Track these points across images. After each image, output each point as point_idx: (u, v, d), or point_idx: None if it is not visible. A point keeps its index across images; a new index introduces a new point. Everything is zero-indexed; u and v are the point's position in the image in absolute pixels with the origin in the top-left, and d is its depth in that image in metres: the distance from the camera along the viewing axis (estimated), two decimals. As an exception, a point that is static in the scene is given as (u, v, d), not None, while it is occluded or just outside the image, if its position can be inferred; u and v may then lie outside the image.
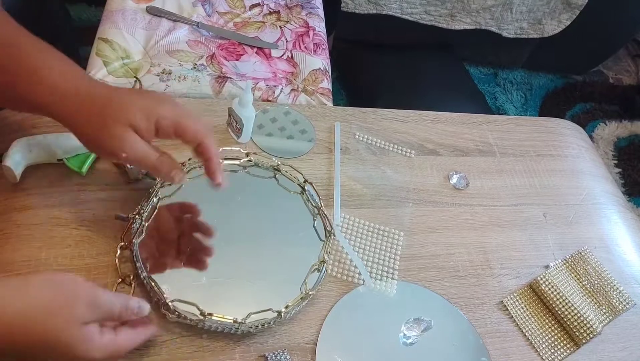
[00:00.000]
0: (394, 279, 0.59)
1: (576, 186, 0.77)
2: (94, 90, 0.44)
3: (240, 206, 0.59)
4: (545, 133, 0.83)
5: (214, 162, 0.48)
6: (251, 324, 0.49)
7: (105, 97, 0.44)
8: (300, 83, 0.92)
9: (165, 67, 0.86)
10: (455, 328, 0.57)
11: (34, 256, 0.50)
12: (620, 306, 0.64)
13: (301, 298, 0.53)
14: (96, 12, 1.55)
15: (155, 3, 0.95)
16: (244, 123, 0.62)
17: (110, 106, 0.43)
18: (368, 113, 0.75)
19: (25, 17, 0.49)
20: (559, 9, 1.60)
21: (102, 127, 0.43)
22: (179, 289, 0.50)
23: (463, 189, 0.71)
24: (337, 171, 0.66)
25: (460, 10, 1.55)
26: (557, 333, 0.60)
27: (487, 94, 1.79)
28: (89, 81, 0.45)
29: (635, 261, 0.70)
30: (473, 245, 0.65)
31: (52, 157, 0.54)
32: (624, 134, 1.85)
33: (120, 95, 0.44)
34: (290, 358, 0.50)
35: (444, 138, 0.76)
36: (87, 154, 0.55)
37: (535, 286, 0.63)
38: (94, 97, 0.44)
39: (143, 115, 0.44)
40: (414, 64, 1.56)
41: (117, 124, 0.43)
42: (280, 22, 1.02)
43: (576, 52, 1.86)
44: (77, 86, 0.43)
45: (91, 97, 0.43)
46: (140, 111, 0.44)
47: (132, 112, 0.43)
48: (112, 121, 0.43)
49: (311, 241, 0.58)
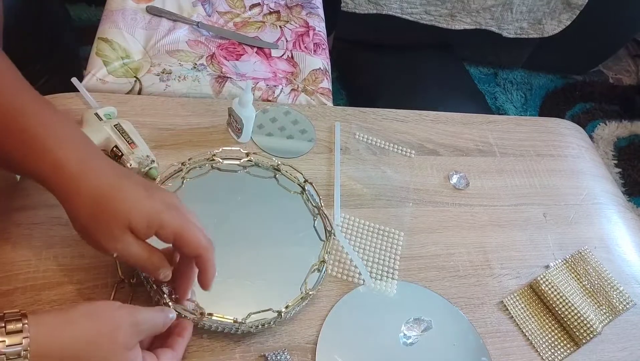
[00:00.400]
0: (394, 279, 0.59)
1: (576, 186, 0.77)
2: (101, 178, 0.41)
3: (240, 206, 0.59)
4: (545, 133, 0.83)
5: (208, 276, 0.46)
6: (251, 324, 0.49)
7: (111, 192, 0.41)
8: (300, 83, 0.92)
9: (165, 67, 0.86)
10: (455, 328, 0.57)
11: (34, 256, 0.50)
12: (620, 306, 0.64)
13: (301, 298, 0.53)
14: (96, 12, 1.55)
15: (155, 3, 0.95)
16: (244, 123, 0.62)
17: (114, 203, 0.40)
18: (368, 113, 0.75)
19: (25, 17, 0.48)
20: (559, 9, 1.60)
21: (100, 223, 0.41)
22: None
23: (463, 189, 0.71)
24: (337, 171, 0.66)
25: (460, 10, 1.55)
26: (557, 333, 0.60)
27: (487, 94, 1.79)
28: (96, 159, 0.42)
29: (635, 261, 0.70)
30: (473, 245, 0.65)
31: None
32: (624, 134, 1.85)
33: (126, 192, 0.41)
34: (291, 358, 0.50)
35: (444, 138, 0.76)
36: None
37: (535, 286, 0.63)
38: (99, 189, 0.40)
39: (144, 220, 0.41)
40: (414, 64, 1.56)
41: (117, 226, 0.40)
42: (280, 22, 1.02)
43: (576, 52, 1.86)
44: (83, 170, 0.40)
45: (96, 188, 0.40)
46: (143, 216, 0.41)
47: (134, 215, 0.41)
48: (113, 220, 0.40)
49: (311, 241, 0.58)
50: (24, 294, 0.47)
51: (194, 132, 0.65)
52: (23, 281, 0.48)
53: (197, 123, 0.66)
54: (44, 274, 0.49)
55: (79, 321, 0.37)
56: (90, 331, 0.37)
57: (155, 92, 0.82)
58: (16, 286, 0.48)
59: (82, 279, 0.50)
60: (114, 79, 0.82)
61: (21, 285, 0.48)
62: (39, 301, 0.47)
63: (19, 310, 0.36)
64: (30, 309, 0.45)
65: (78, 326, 0.37)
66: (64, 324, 0.37)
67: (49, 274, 0.49)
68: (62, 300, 0.48)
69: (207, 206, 0.57)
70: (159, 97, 0.67)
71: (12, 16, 0.64)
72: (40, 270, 0.49)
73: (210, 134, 0.65)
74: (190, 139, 0.64)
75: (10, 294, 0.47)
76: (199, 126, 0.65)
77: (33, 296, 0.47)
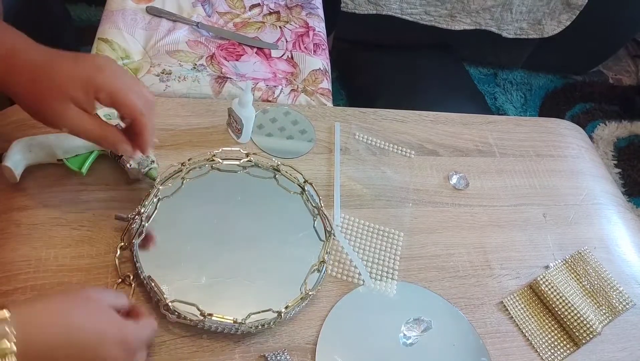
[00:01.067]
0: (394, 279, 0.59)
1: (576, 186, 0.77)
2: (33, 57, 0.42)
3: (240, 207, 0.59)
4: (545, 133, 0.83)
5: (143, 139, 0.46)
6: (251, 324, 0.49)
7: (44, 68, 0.41)
8: (300, 83, 0.92)
9: (165, 67, 0.86)
10: (455, 329, 0.57)
11: (34, 256, 0.50)
12: (620, 306, 0.64)
13: (301, 298, 0.53)
14: (96, 12, 1.55)
15: (155, 3, 0.95)
16: (244, 123, 0.62)
17: (48, 78, 0.41)
18: (368, 113, 0.75)
19: (25, 17, 0.48)
20: (558, 9, 1.60)
21: (41, 101, 0.42)
22: (178, 289, 0.50)
23: (463, 190, 0.71)
24: (337, 171, 0.66)
25: (460, 11, 1.56)
26: (557, 334, 0.60)
27: (487, 94, 1.79)
28: (26, 43, 0.43)
29: (635, 261, 0.70)
30: (473, 245, 0.65)
31: (52, 158, 0.54)
32: (623, 135, 1.85)
33: (58, 65, 0.42)
34: (290, 358, 0.50)
35: (444, 138, 0.76)
36: (87, 154, 0.55)
37: (535, 287, 0.63)
38: (33, 66, 0.41)
39: (81, 88, 0.42)
40: (414, 64, 1.56)
41: (56, 100, 0.41)
42: (280, 22, 1.02)
43: (576, 53, 1.86)
44: (14, 50, 0.41)
45: (30, 65, 0.41)
46: (78, 83, 0.42)
47: (70, 85, 0.41)
48: (51, 96, 0.41)
49: (311, 242, 0.58)
50: (24, 294, 0.47)
51: (193, 132, 0.65)
52: (23, 281, 0.48)
53: (196, 123, 0.66)
54: (44, 275, 0.49)
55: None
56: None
57: (155, 93, 0.82)
58: (16, 286, 0.48)
59: (82, 280, 0.50)
60: (114, 80, 0.82)
61: (21, 285, 0.48)
62: (39, 301, 0.47)
63: None
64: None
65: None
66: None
67: (49, 275, 0.49)
68: (62, 300, 0.48)
69: (207, 206, 0.57)
70: (159, 98, 0.67)
71: (12, 16, 0.64)
72: (40, 270, 0.49)
73: (210, 135, 0.65)
74: (190, 139, 0.64)
75: (10, 295, 0.47)
76: (198, 126, 0.65)
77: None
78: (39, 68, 0.42)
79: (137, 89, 0.45)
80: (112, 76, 0.43)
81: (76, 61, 0.43)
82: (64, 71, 0.42)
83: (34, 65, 0.42)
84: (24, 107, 0.43)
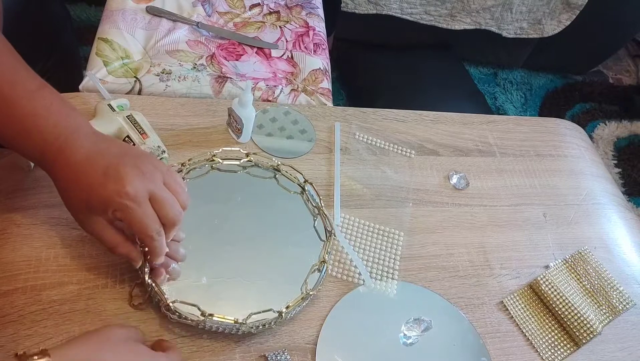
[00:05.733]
0: (394, 279, 0.59)
1: (576, 186, 0.77)
2: (74, 159, 0.43)
3: (240, 206, 0.59)
4: (545, 133, 0.83)
5: (152, 259, 0.47)
6: (252, 324, 0.49)
7: (77, 174, 0.43)
8: (300, 83, 0.92)
9: (165, 67, 0.86)
10: (455, 328, 0.57)
11: (34, 256, 0.50)
12: (620, 306, 0.64)
13: (302, 298, 0.53)
14: (96, 12, 1.55)
15: (155, 3, 0.95)
16: (244, 123, 0.62)
17: (76, 188, 0.43)
18: (368, 113, 0.75)
19: (25, 17, 0.48)
20: (558, 9, 1.60)
21: (69, 208, 0.45)
22: (179, 289, 0.50)
23: (463, 189, 0.71)
24: (337, 171, 0.66)
25: (460, 11, 1.56)
26: (557, 333, 0.60)
27: (487, 94, 1.79)
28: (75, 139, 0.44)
29: (635, 261, 0.70)
30: (473, 245, 0.65)
31: None
32: (623, 134, 1.85)
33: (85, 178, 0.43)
34: (291, 358, 0.50)
35: (444, 138, 0.76)
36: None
37: (535, 286, 0.63)
38: (68, 171, 0.43)
39: (101, 207, 0.43)
40: (414, 64, 1.56)
41: (81, 212, 0.45)
42: (280, 22, 1.02)
43: (576, 52, 1.86)
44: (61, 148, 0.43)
45: (65, 172, 0.44)
46: (99, 203, 0.43)
47: (93, 202, 0.43)
48: (78, 208, 0.45)
49: (311, 241, 0.58)
50: (24, 294, 0.47)
51: (193, 132, 0.65)
52: (23, 282, 0.48)
53: (197, 123, 0.66)
54: (44, 275, 0.49)
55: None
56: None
57: (155, 93, 0.82)
58: (16, 286, 0.48)
59: (82, 280, 0.50)
60: (113, 79, 0.82)
61: (21, 285, 0.48)
62: (39, 301, 0.47)
63: (40, 348, 0.37)
64: (31, 310, 0.46)
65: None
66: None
67: (49, 275, 0.49)
68: (62, 300, 0.48)
69: (207, 206, 0.57)
70: (159, 98, 0.67)
71: (12, 16, 0.64)
72: (40, 270, 0.49)
73: (210, 135, 0.65)
74: (190, 139, 0.64)
75: (10, 295, 0.47)
76: (198, 126, 0.65)
77: (33, 297, 0.47)
78: (72, 174, 0.43)
79: (164, 206, 0.45)
80: (129, 204, 0.43)
81: (106, 175, 0.43)
82: (91, 185, 0.43)
83: (69, 169, 0.43)
84: (64, 200, 0.46)
